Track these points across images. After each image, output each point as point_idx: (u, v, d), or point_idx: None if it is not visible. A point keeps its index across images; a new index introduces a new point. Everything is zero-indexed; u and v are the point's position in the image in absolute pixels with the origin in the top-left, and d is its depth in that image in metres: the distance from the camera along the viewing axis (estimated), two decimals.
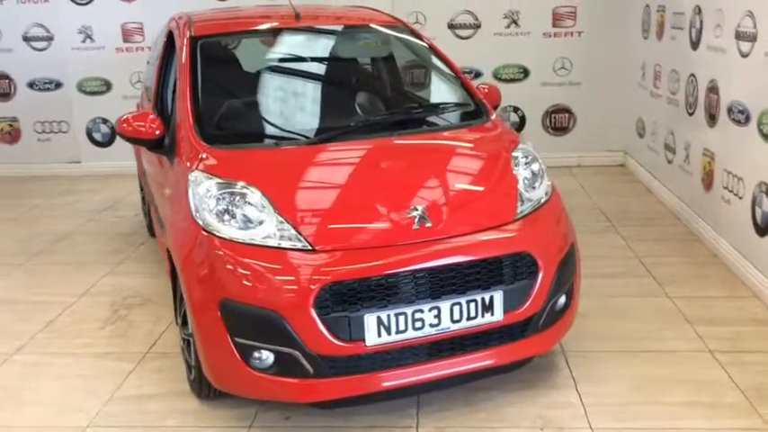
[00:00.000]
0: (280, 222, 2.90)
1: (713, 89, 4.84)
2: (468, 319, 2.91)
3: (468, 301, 2.90)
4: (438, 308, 2.86)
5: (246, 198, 2.98)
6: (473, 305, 2.90)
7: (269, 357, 2.82)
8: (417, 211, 2.96)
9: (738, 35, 4.44)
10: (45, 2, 7.18)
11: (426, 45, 4.23)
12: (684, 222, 5.35)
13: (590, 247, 4.91)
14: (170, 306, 3.57)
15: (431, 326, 2.86)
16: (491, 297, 2.92)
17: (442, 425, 3.08)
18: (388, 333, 2.81)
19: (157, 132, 3.57)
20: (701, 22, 5.09)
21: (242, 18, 4.52)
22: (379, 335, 2.80)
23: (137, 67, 6.99)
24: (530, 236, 3.08)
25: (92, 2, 7.16)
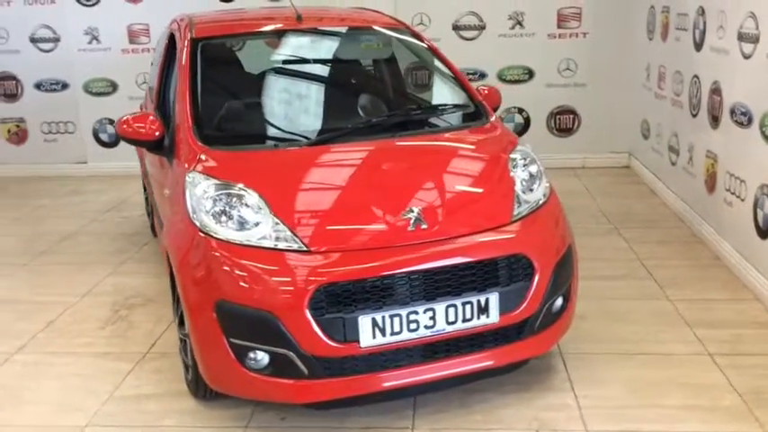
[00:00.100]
0: (275, 223, 2.91)
1: (716, 91, 4.82)
2: (464, 320, 2.91)
3: (464, 303, 2.90)
4: (433, 309, 2.86)
5: (243, 199, 2.99)
6: (468, 307, 2.90)
7: (264, 358, 2.83)
8: (413, 212, 2.96)
9: (741, 36, 4.42)
10: (51, 3, 7.24)
11: (426, 46, 4.23)
12: (688, 224, 5.33)
13: (592, 248, 4.91)
14: (171, 306, 3.59)
15: (426, 327, 2.86)
16: (486, 299, 2.92)
17: (438, 426, 3.08)
18: (383, 334, 2.81)
19: (157, 134, 3.58)
20: (704, 24, 5.07)
21: (243, 20, 4.53)
22: (374, 336, 2.80)
23: (143, 68, 7.01)
24: (526, 238, 3.08)
25: (98, 3, 7.21)
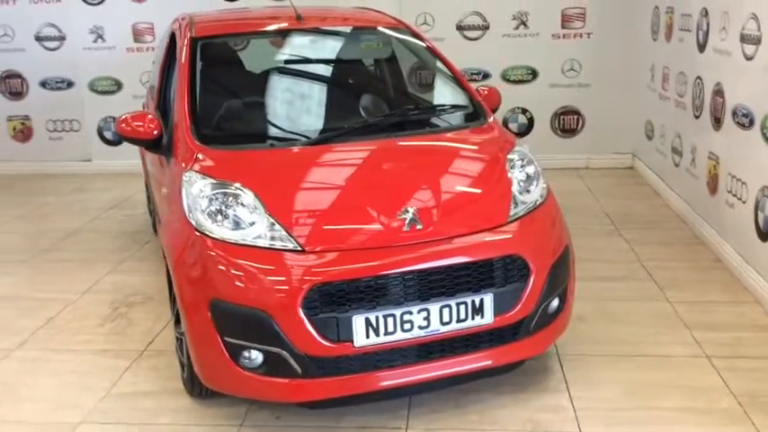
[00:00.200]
0: (270, 223, 2.91)
1: (719, 92, 4.80)
2: (458, 321, 2.90)
3: (458, 304, 2.89)
4: (427, 310, 2.86)
5: (239, 199, 3.00)
6: (463, 307, 2.90)
7: (258, 357, 2.84)
8: (408, 212, 2.96)
9: (743, 38, 4.39)
10: (57, 2, 7.27)
11: (425, 46, 4.22)
12: (690, 226, 5.31)
13: (592, 249, 4.90)
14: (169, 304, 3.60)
15: (420, 328, 2.86)
16: (481, 300, 2.92)
17: (433, 426, 3.08)
18: (377, 334, 2.81)
19: (155, 132, 3.59)
20: (707, 25, 5.05)
21: (243, 19, 4.54)
22: (368, 336, 2.80)
23: (147, 66, 7.00)
24: (521, 239, 3.07)
25: (103, 2, 7.24)
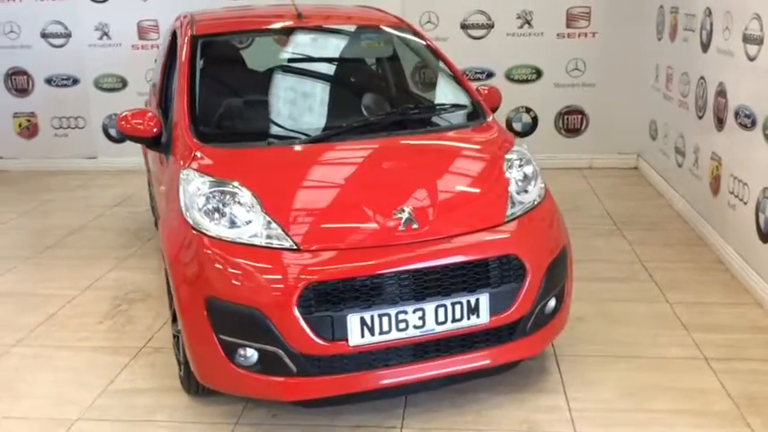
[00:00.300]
0: (267, 222, 2.92)
1: (721, 93, 4.78)
2: (454, 321, 2.90)
3: (454, 304, 2.89)
4: (422, 309, 2.85)
5: (236, 197, 3.00)
6: (458, 307, 2.90)
7: (253, 355, 2.84)
8: (404, 212, 2.96)
9: (746, 38, 4.37)
10: None
11: (425, 45, 4.22)
12: (692, 227, 5.29)
13: (593, 250, 4.90)
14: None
15: (415, 327, 2.86)
16: (477, 299, 2.91)
17: (428, 426, 3.08)
18: (372, 334, 2.81)
19: (155, 130, 3.60)
20: (711, 25, 5.02)
21: (244, 17, 4.54)
22: (363, 335, 2.80)
23: (152, 64, 7.00)
24: (518, 238, 3.06)
25: None
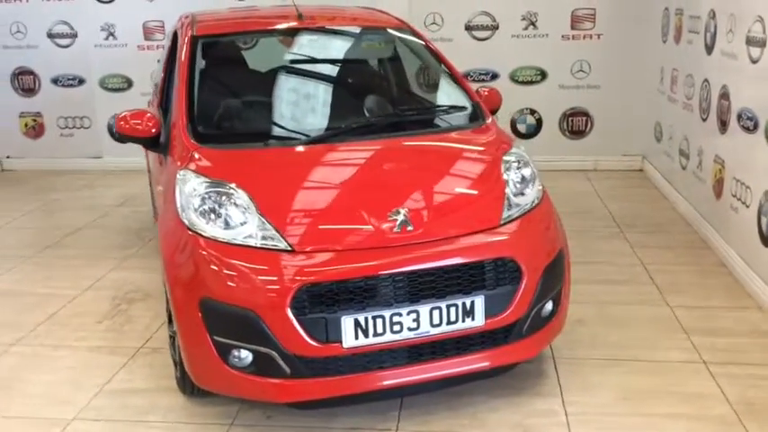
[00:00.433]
0: (261, 223, 2.91)
1: (725, 95, 4.75)
2: (448, 323, 2.89)
3: (449, 306, 2.88)
4: (417, 311, 2.84)
5: (231, 198, 3.00)
6: (453, 310, 2.89)
7: (247, 357, 2.84)
8: (400, 214, 2.95)
9: (749, 41, 4.34)
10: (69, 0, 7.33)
11: (425, 46, 4.21)
12: (695, 230, 5.26)
13: (595, 252, 4.88)
14: None
15: (409, 329, 2.85)
16: (472, 302, 2.90)
17: (423, 428, 3.07)
18: (366, 335, 2.81)
19: (153, 131, 3.60)
20: (715, 27, 4.99)
21: (245, 18, 4.53)
22: (357, 337, 2.80)
23: (157, 65, 7.08)
24: (514, 241, 3.05)
25: (114, 0, 7.28)
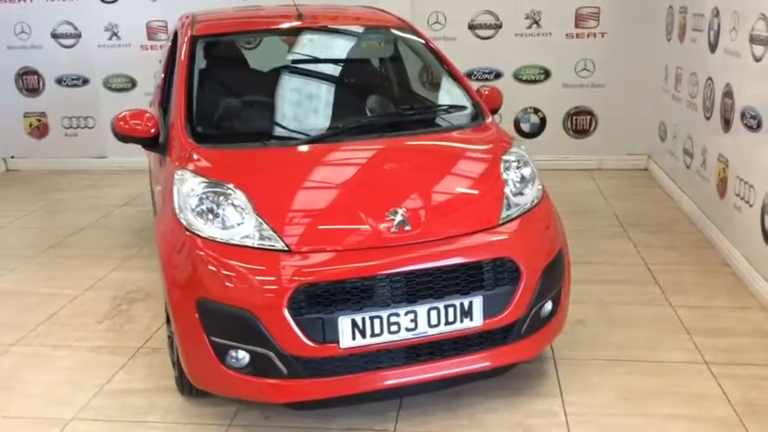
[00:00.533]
0: (259, 223, 2.90)
1: (728, 93, 4.71)
2: (447, 323, 2.87)
3: (447, 306, 2.86)
4: (414, 312, 2.83)
5: (229, 198, 2.99)
6: (451, 310, 2.87)
7: (245, 357, 2.83)
8: (397, 213, 2.93)
9: (752, 38, 4.31)
10: (73, 0, 7.34)
11: (425, 45, 4.19)
12: (699, 229, 5.22)
13: (597, 252, 4.86)
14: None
15: (407, 330, 2.83)
16: (470, 302, 2.89)
17: (421, 429, 3.06)
18: (363, 336, 2.79)
19: (152, 131, 3.59)
20: (718, 25, 4.96)
21: (245, 18, 4.52)
22: (354, 337, 2.79)
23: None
24: (513, 241, 3.03)
25: (118, 0, 7.29)
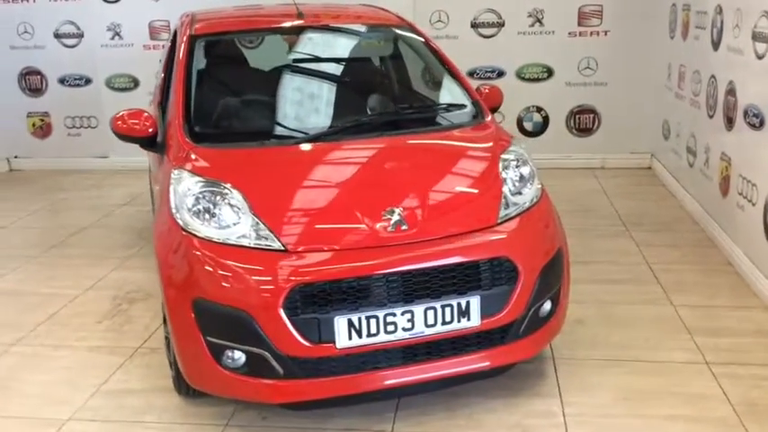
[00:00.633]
0: (255, 222, 2.89)
1: (731, 91, 4.68)
2: (444, 323, 2.86)
3: (444, 306, 2.85)
4: (411, 312, 2.81)
5: (225, 198, 2.98)
6: (448, 310, 2.85)
7: (241, 357, 2.82)
8: (394, 213, 2.92)
9: (755, 36, 4.28)
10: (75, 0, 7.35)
11: (424, 43, 4.17)
12: (702, 228, 5.19)
13: (599, 251, 4.83)
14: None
15: (404, 330, 2.82)
16: (467, 302, 2.87)
17: (418, 430, 3.04)
18: (359, 336, 2.78)
19: (150, 130, 3.58)
20: (721, 23, 4.92)
21: (244, 17, 4.51)
22: (350, 337, 2.77)
23: None
24: (510, 240, 3.01)
25: (120, 0, 7.30)
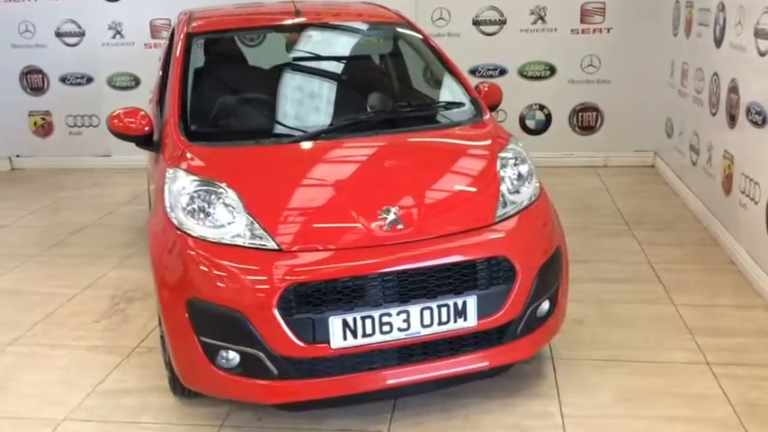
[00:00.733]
0: (250, 222, 2.87)
1: (734, 89, 4.64)
2: (440, 323, 2.83)
3: (440, 306, 2.82)
4: (407, 312, 2.79)
5: (220, 197, 2.95)
6: (444, 310, 2.83)
7: (235, 358, 2.79)
8: (390, 212, 2.89)
9: (757, 33, 4.23)
10: None
11: (422, 41, 4.14)
12: (705, 227, 5.15)
13: (600, 250, 4.80)
14: None
15: (399, 330, 2.79)
16: (464, 302, 2.84)
17: (415, 431, 3.01)
18: (354, 336, 2.75)
19: (146, 129, 3.57)
20: (724, 19, 4.88)
21: (241, 15, 4.48)
22: (345, 338, 2.75)
23: None
24: (508, 240, 2.98)
25: None
